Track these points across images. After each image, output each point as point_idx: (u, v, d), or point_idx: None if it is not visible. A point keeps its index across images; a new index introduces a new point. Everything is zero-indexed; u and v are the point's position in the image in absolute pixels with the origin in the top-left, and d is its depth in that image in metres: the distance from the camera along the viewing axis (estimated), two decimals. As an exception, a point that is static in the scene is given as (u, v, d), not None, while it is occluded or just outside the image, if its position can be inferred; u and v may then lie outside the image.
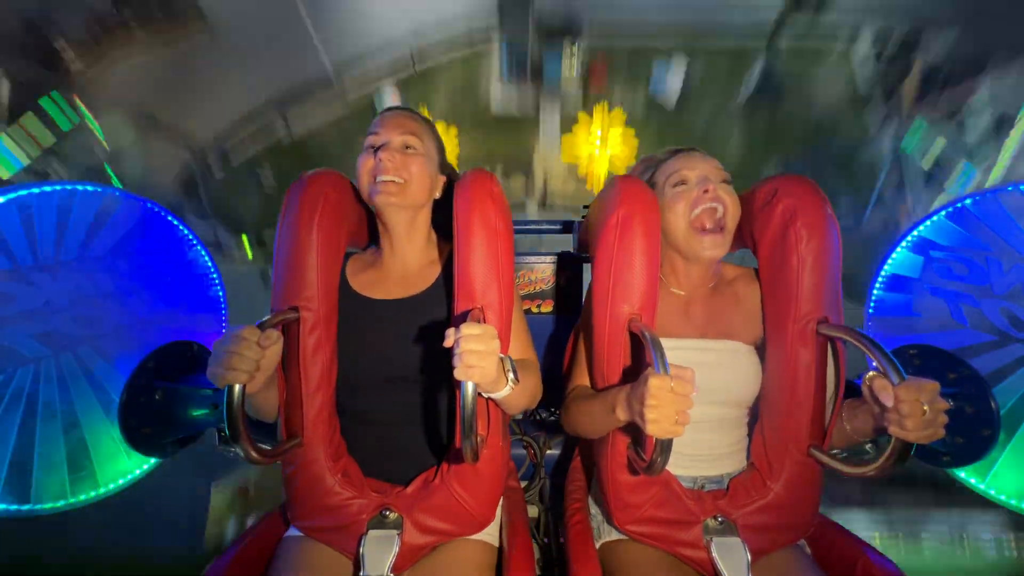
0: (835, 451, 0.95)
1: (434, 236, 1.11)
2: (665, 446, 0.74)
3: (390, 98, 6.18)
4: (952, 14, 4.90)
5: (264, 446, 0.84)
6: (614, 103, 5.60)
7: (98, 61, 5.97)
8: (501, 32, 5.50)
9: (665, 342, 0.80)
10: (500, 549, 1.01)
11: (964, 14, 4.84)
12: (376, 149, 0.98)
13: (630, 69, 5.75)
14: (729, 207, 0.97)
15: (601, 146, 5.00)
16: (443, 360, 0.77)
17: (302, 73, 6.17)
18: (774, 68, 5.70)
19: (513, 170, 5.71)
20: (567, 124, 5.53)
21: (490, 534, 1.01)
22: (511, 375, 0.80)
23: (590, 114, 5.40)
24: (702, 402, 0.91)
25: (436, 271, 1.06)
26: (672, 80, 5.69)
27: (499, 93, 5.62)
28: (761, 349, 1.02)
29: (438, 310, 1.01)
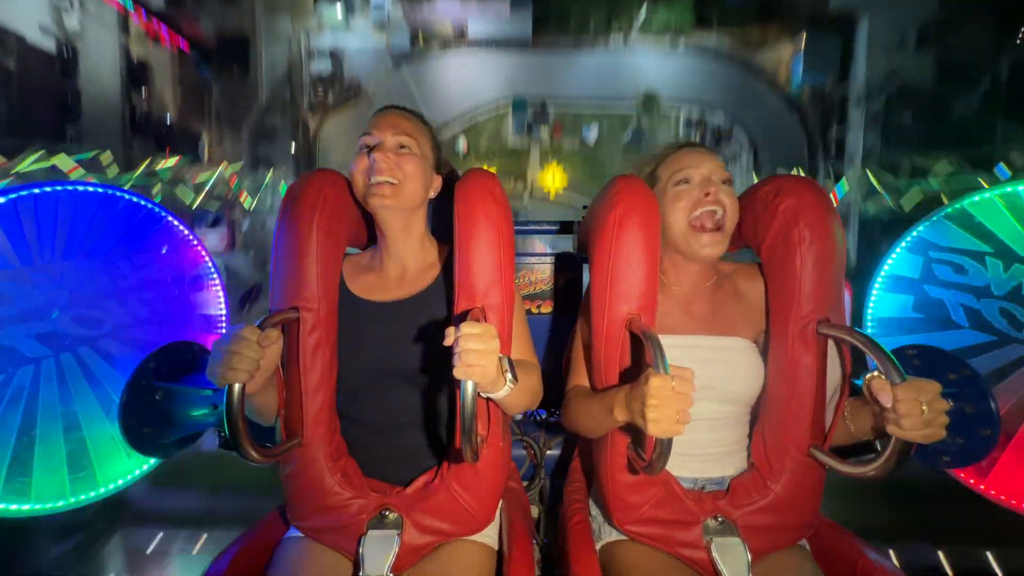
0: (836, 450, 0.95)
1: (430, 238, 1.11)
2: (665, 446, 0.74)
3: (462, 143, 12.27)
4: (722, 103, 11.46)
5: (264, 446, 0.84)
6: (564, 144, 12.50)
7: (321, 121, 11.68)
8: (512, 113, 12.30)
9: (667, 339, 0.80)
10: (500, 550, 1.01)
11: (730, 104, 11.35)
12: (370, 149, 0.97)
13: (572, 128, 12.46)
14: (729, 209, 0.97)
15: (553, 179, 12.21)
16: (443, 360, 0.77)
17: None
18: (639, 128, 12.01)
19: (517, 178, 12.37)
20: (544, 157, 12.61)
21: (490, 535, 1.01)
22: (509, 375, 0.80)
23: (555, 153, 12.59)
24: (703, 399, 0.91)
25: (434, 272, 1.05)
26: (592, 133, 12.34)
27: (511, 139, 12.68)
28: (763, 345, 1.02)
29: (437, 310, 1.00)
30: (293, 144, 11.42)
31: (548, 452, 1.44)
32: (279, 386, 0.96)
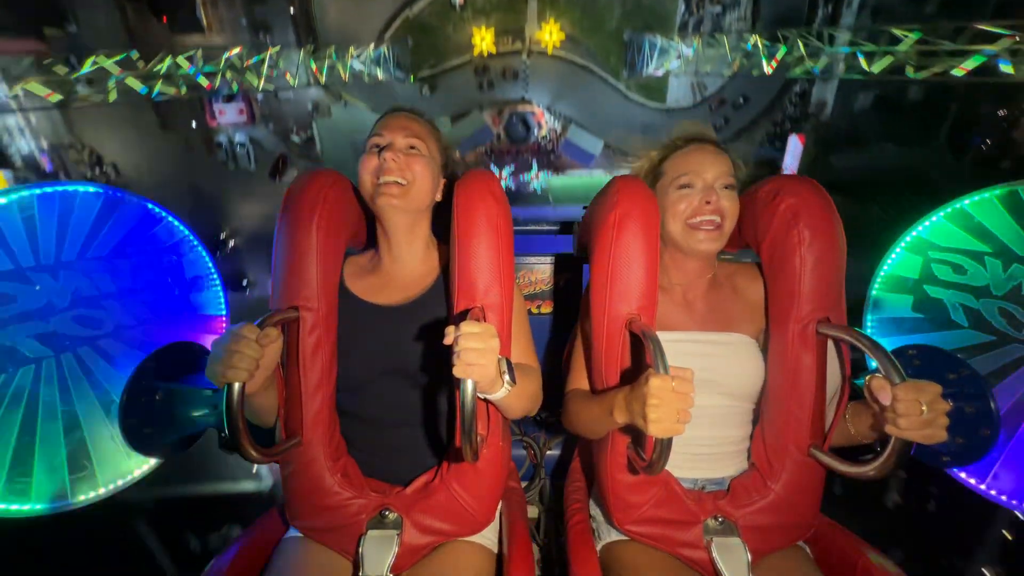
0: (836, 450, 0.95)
1: (434, 241, 1.10)
2: (665, 446, 0.74)
3: None
4: None
5: (264, 446, 0.84)
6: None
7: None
8: None
9: (667, 335, 0.80)
10: (500, 550, 1.01)
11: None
12: (380, 150, 0.98)
13: None
14: (728, 215, 0.97)
15: (550, 36, 12.42)
16: (442, 360, 0.77)
17: None
18: None
19: (515, 37, 12.64)
20: (542, 13, 12.71)
21: (488, 536, 1.01)
22: (507, 377, 0.79)
23: (546, 21, 12.73)
24: (704, 391, 0.91)
25: (435, 274, 1.05)
26: None
27: None
28: (763, 343, 1.02)
29: (437, 311, 1.00)
30: (291, 7, 11.14)
31: (548, 452, 1.44)
32: (279, 386, 0.96)
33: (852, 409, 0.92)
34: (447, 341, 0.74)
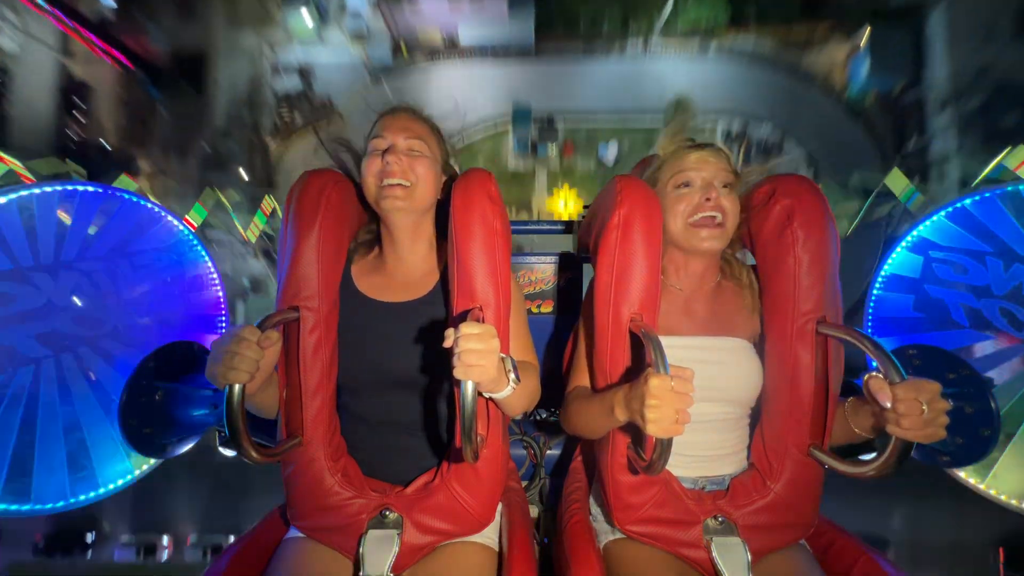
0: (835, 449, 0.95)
1: (436, 239, 1.11)
2: (665, 446, 0.74)
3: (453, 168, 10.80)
4: (768, 113, 9.70)
5: (264, 446, 0.84)
6: (577, 165, 10.48)
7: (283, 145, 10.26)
8: (513, 129, 10.21)
9: (667, 339, 0.80)
10: (500, 549, 1.01)
11: (777, 113, 9.66)
12: (383, 152, 0.98)
13: (586, 146, 10.45)
14: (729, 213, 0.97)
15: (565, 205, 10.00)
16: (443, 361, 0.77)
17: None
18: None
19: (520, 207, 10.28)
20: (553, 181, 10.47)
21: (489, 535, 1.01)
22: (512, 375, 0.80)
23: (565, 174, 10.49)
24: (704, 400, 0.91)
25: (439, 273, 1.05)
26: (611, 151, 10.16)
27: (512, 161, 10.49)
28: (759, 346, 1.02)
29: (439, 313, 1.01)
30: (244, 172, 9.41)
31: (548, 452, 1.44)
32: (280, 385, 0.96)
33: (852, 406, 0.92)
34: (447, 343, 0.74)
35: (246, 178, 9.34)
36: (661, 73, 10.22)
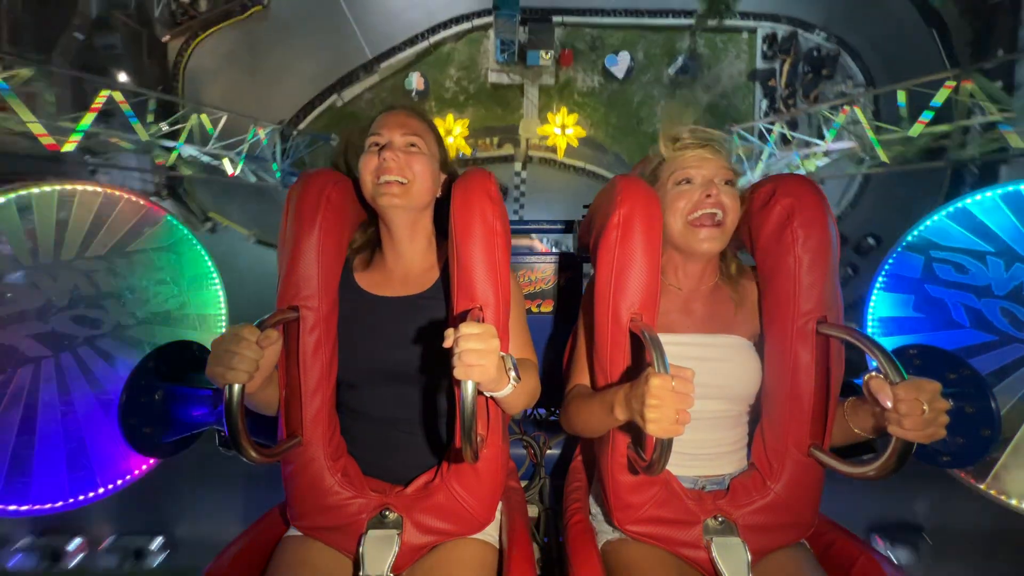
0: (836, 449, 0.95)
1: (435, 237, 1.11)
2: (665, 446, 0.74)
3: (415, 80, 8.50)
4: (819, 20, 7.95)
5: (263, 445, 0.84)
6: (578, 79, 8.36)
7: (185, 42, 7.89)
8: (496, 24, 7.89)
9: (666, 337, 0.80)
10: (500, 549, 1.01)
11: (827, 21, 7.90)
12: (380, 148, 0.98)
13: (590, 56, 8.33)
14: (729, 211, 0.97)
15: (561, 132, 7.95)
16: (443, 360, 0.77)
17: (349, 62, 8.68)
18: (693, 53, 8.22)
19: (503, 136, 8.27)
20: (547, 101, 8.24)
21: (490, 534, 1.00)
22: (513, 373, 0.80)
23: (562, 89, 8.32)
24: (703, 397, 0.91)
25: (438, 271, 1.06)
26: (621, 62, 8.21)
27: (492, 72, 8.30)
28: (759, 345, 1.02)
29: (439, 310, 1.00)
30: (125, 74, 7.03)
31: (548, 452, 1.44)
32: (280, 384, 0.96)
33: (851, 407, 0.92)
34: (447, 344, 0.73)
35: (125, 80, 6.97)
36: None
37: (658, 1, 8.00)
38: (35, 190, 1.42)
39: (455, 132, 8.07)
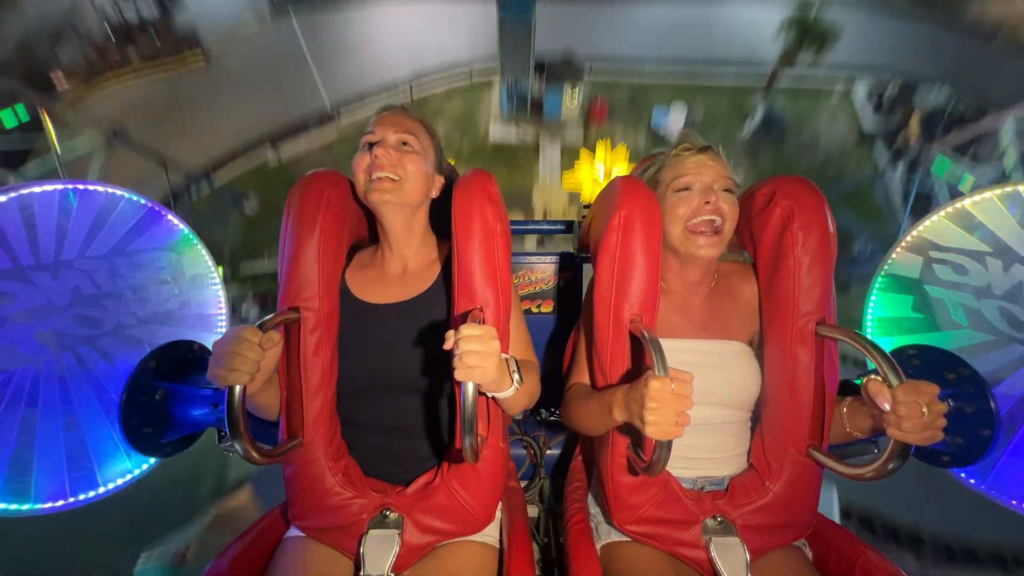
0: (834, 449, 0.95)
1: (432, 237, 1.11)
2: (665, 447, 0.74)
3: None
4: (939, 72, 6.16)
5: (264, 446, 0.84)
6: (616, 140, 5.83)
7: (89, 85, 6.85)
8: (503, 73, 5.85)
9: (666, 343, 0.80)
10: (500, 549, 1.01)
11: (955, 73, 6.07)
12: (372, 146, 0.98)
13: (630, 108, 6.18)
14: (728, 217, 0.97)
15: (605, 178, 5.31)
16: (443, 362, 0.78)
17: (300, 109, 7.04)
18: (773, 109, 6.14)
19: (512, 205, 5.62)
20: (568, 159, 5.75)
21: (490, 534, 1.01)
22: (516, 375, 0.81)
23: (592, 150, 5.73)
24: (703, 404, 0.92)
25: (435, 272, 1.06)
26: (675, 117, 6.01)
27: (498, 127, 6.12)
28: (757, 347, 1.02)
29: (438, 311, 1.01)
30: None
31: (548, 452, 1.44)
32: (281, 385, 0.96)
33: (850, 408, 0.92)
34: (447, 345, 0.74)
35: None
36: (741, 17, 6.64)
37: (707, 53, 5.93)
38: (36, 189, 1.42)
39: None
